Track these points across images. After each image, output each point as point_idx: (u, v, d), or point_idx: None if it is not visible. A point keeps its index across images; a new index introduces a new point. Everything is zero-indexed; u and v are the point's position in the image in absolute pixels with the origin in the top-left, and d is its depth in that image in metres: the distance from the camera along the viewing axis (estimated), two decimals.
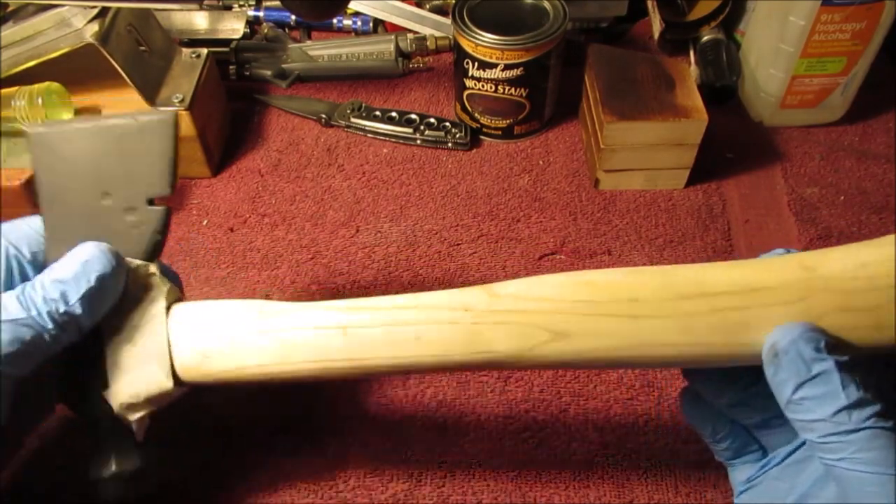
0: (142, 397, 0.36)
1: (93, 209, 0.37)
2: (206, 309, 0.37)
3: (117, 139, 0.37)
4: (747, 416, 0.36)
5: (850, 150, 0.66)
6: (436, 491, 0.45)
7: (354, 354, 0.34)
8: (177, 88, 0.61)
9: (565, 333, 0.32)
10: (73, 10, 0.55)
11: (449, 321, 0.33)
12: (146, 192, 0.37)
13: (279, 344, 0.35)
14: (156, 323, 0.36)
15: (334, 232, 0.60)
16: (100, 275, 0.34)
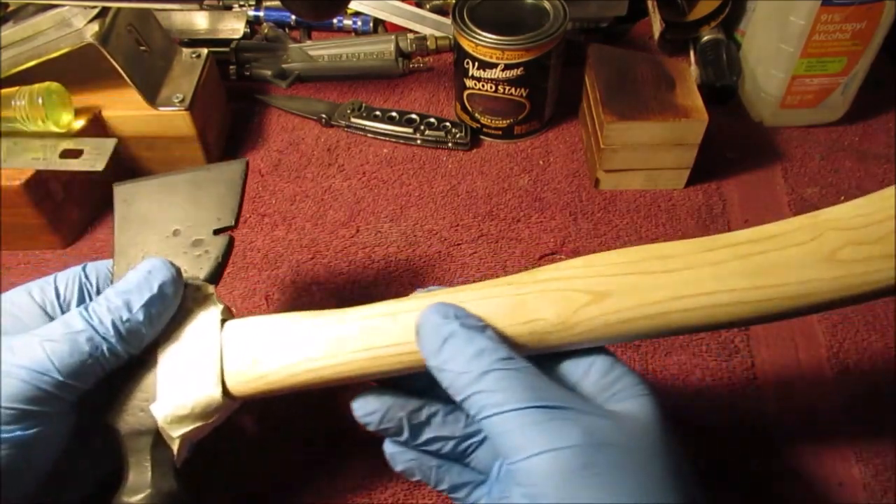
0: (189, 408, 0.35)
1: (162, 245, 0.40)
2: (255, 322, 0.37)
3: (192, 187, 0.42)
4: (441, 445, 0.37)
5: (850, 150, 0.66)
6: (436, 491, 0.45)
7: (404, 338, 0.35)
8: (177, 88, 0.61)
9: (605, 293, 0.33)
10: (73, 10, 0.55)
11: (495, 295, 0.35)
12: (213, 225, 0.41)
13: (327, 338, 0.36)
14: (209, 335, 0.37)
15: (334, 232, 0.60)
16: (161, 282, 0.36)
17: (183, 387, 0.36)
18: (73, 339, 0.33)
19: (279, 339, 0.36)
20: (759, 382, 0.49)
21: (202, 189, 0.42)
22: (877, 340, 0.52)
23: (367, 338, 0.35)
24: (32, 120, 0.55)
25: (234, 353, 0.36)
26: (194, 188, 0.42)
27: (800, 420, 0.48)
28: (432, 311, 0.34)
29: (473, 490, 0.37)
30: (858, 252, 0.31)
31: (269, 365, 0.36)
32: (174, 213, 0.41)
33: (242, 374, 0.36)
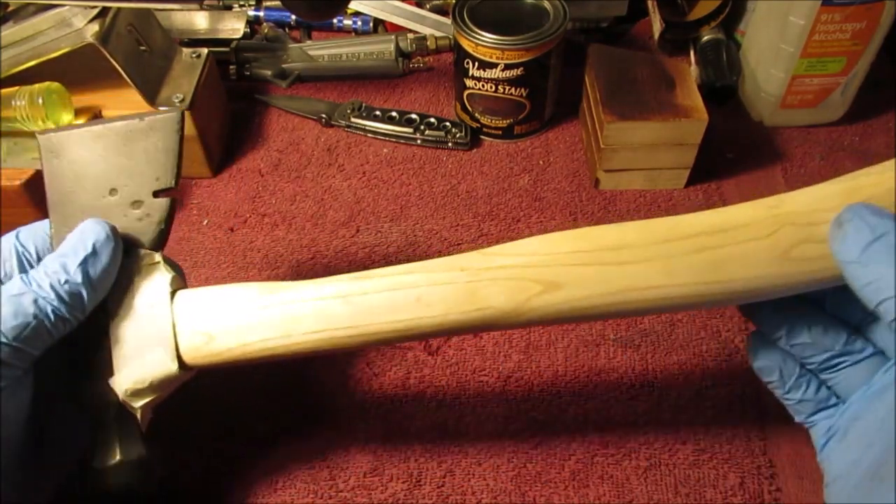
0: (147, 382, 0.36)
1: (99, 206, 0.39)
2: (208, 293, 0.37)
3: (125, 139, 0.39)
4: (813, 354, 0.35)
5: (850, 150, 0.66)
6: (435, 491, 0.45)
7: (357, 321, 0.35)
8: (177, 88, 0.61)
9: (557, 284, 0.33)
10: (73, 10, 0.55)
11: (447, 282, 0.35)
12: (152, 186, 0.39)
13: (281, 318, 0.36)
14: (160, 308, 0.37)
15: (334, 232, 0.60)
16: (94, 241, 0.36)
17: (139, 362, 0.36)
18: (16, 302, 0.33)
19: (234, 316, 0.36)
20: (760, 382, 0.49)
21: (136, 142, 0.40)
22: None
23: (320, 320, 0.36)
24: (32, 120, 0.56)
25: (187, 326, 0.37)
26: (127, 141, 0.40)
27: None
28: (863, 208, 0.30)
29: (819, 411, 0.36)
30: (812, 250, 0.32)
31: (224, 342, 0.36)
32: (108, 169, 0.39)
33: (197, 349, 0.36)
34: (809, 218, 0.32)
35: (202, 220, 0.61)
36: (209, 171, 0.65)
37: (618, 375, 0.50)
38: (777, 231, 0.32)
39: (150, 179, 0.39)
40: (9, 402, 0.34)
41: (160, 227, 0.39)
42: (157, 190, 0.39)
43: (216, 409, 0.49)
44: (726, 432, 0.47)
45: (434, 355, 0.52)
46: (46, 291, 0.34)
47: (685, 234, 0.33)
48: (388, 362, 0.51)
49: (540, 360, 0.51)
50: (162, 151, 0.39)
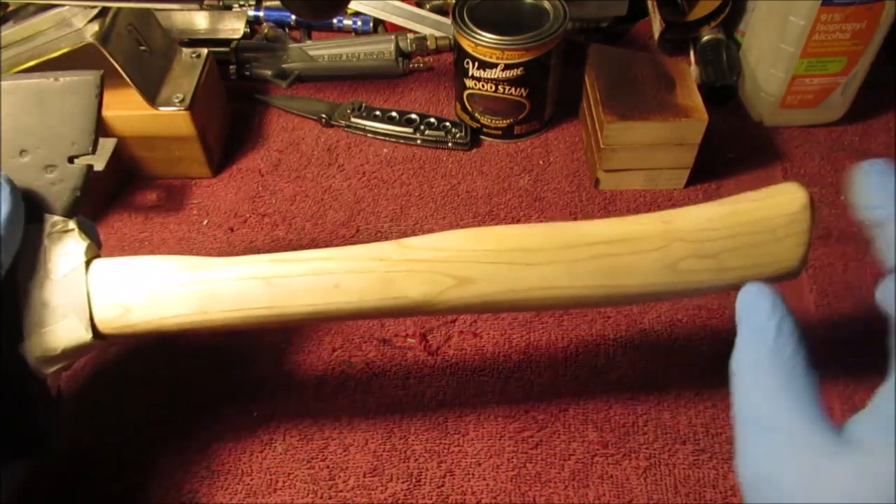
0: (59, 350, 0.36)
1: (8, 166, 0.38)
2: (125, 264, 0.37)
3: (37, 97, 0.38)
4: None
5: (851, 150, 0.66)
6: (435, 491, 0.45)
7: (276, 302, 0.36)
8: (177, 88, 0.61)
9: (469, 279, 0.36)
10: (73, 10, 0.55)
11: (366, 270, 0.36)
12: (67, 150, 0.38)
13: (199, 295, 0.36)
14: (74, 277, 0.36)
15: (334, 232, 0.60)
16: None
17: (51, 329, 0.36)
18: None
19: (151, 290, 0.36)
20: None
21: (49, 103, 0.38)
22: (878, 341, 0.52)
23: (240, 299, 0.36)
24: None
25: (103, 297, 0.36)
26: (40, 101, 0.38)
27: None
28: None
29: None
30: (697, 264, 0.36)
31: (140, 315, 0.36)
32: (19, 129, 0.38)
33: (112, 320, 0.36)
34: (696, 236, 0.36)
35: (202, 221, 0.61)
36: (209, 171, 0.65)
37: (618, 375, 0.50)
38: (668, 245, 0.36)
39: (65, 143, 0.38)
40: None
41: (75, 193, 0.38)
42: (72, 155, 0.38)
43: (216, 409, 0.49)
44: (726, 432, 0.47)
45: (434, 355, 0.52)
46: None
47: (587, 242, 0.36)
48: (388, 362, 0.51)
49: (540, 360, 0.51)
50: (78, 115, 0.38)
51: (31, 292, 0.36)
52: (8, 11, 0.56)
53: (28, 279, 0.36)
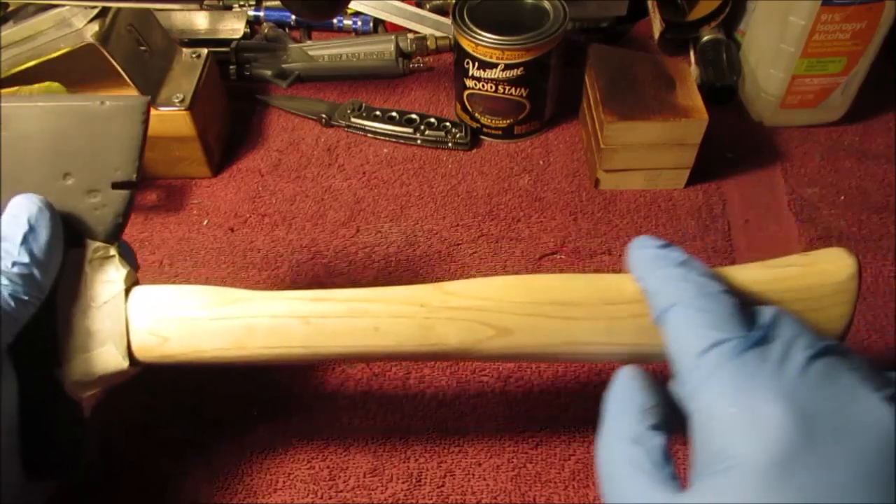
0: (95, 376, 0.36)
1: (51, 188, 0.37)
2: (165, 293, 0.37)
3: (83, 121, 0.38)
4: None
5: (851, 150, 0.66)
6: (436, 491, 0.45)
7: (313, 342, 0.36)
8: (177, 88, 0.61)
9: (508, 330, 0.36)
10: (73, 10, 0.55)
11: (406, 315, 0.36)
12: (111, 176, 0.38)
13: (238, 330, 0.36)
14: (114, 304, 0.36)
15: (334, 232, 0.60)
16: (28, 216, 0.35)
17: (89, 356, 0.36)
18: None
19: (189, 322, 0.36)
20: None
21: (96, 126, 0.37)
22: (877, 340, 0.52)
23: (277, 336, 0.36)
24: None
25: (141, 325, 0.37)
26: (87, 124, 0.37)
27: None
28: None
29: None
30: None
31: (178, 346, 0.36)
32: (64, 151, 0.37)
33: (149, 349, 0.37)
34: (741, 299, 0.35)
35: (202, 221, 0.61)
36: (209, 171, 0.65)
37: None
38: None
39: (108, 169, 0.38)
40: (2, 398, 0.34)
41: (117, 219, 0.38)
42: (116, 181, 0.38)
43: (216, 410, 0.49)
44: None
45: None
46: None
47: (628, 299, 0.35)
48: (388, 362, 0.51)
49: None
50: (124, 141, 0.38)
51: (70, 317, 0.36)
52: (8, 11, 0.56)
53: (68, 304, 0.36)
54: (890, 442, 0.26)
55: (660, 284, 0.32)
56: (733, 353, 0.28)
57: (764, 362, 0.28)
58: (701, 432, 0.28)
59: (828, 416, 0.26)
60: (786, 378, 0.27)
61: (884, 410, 0.27)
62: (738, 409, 0.27)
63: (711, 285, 0.31)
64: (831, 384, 0.27)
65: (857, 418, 0.27)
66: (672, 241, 0.57)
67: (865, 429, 0.26)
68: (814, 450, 0.26)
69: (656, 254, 0.33)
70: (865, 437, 0.26)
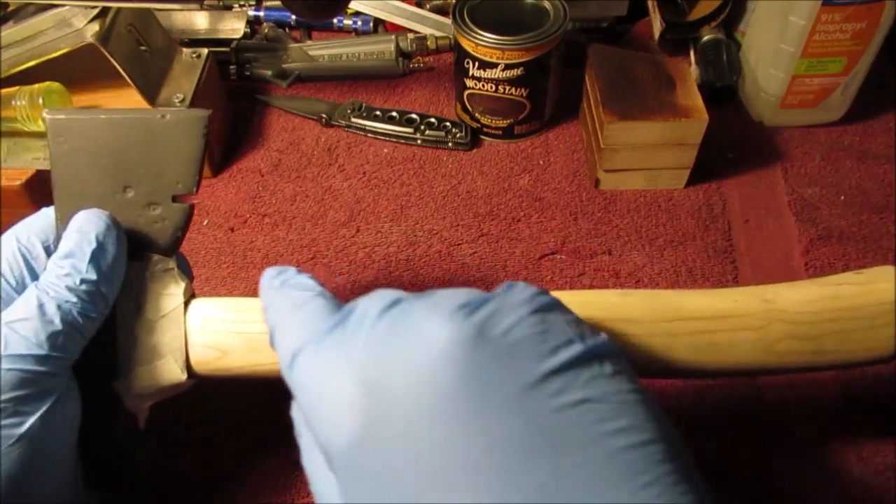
0: (154, 388, 0.36)
1: (112, 201, 0.38)
2: (223, 306, 0.37)
3: (144, 134, 0.38)
4: None
5: (851, 150, 0.66)
6: None
7: None
8: (177, 88, 0.61)
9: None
10: (73, 10, 0.55)
11: None
12: (172, 189, 0.38)
13: None
14: (174, 317, 0.37)
15: (335, 232, 0.60)
16: (97, 233, 0.35)
17: (148, 368, 0.36)
18: (41, 312, 0.33)
19: (248, 335, 0.36)
20: (760, 382, 0.49)
21: (156, 139, 0.37)
22: None
23: None
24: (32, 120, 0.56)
25: (199, 338, 0.37)
26: (146, 137, 0.37)
27: (800, 420, 0.48)
28: None
29: None
30: (795, 345, 0.36)
31: (236, 360, 0.36)
32: (123, 164, 0.37)
33: (207, 363, 0.37)
34: (796, 318, 0.36)
35: (202, 221, 0.61)
36: (209, 171, 0.65)
37: None
38: (767, 325, 0.36)
39: (169, 182, 0.38)
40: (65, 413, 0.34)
41: (177, 233, 0.38)
42: (176, 194, 0.38)
43: (216, 410, 0.49)
44: (726, 433, 0.47)
45: None
46: (67, 295, 0.34)
47: (686, 316, 0.36)
48: None
49: None
50: (184, 154, 0.38)
51: (130, 330, 0.36)
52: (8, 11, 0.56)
53: (128, 317, 0.37)
54: (444, 358, 0.24)
55: (269, 315, 0.32)
56: (314, 348, 0.27)
57: (342, 339, 0.27)
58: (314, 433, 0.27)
59: (390, 361, 0.25)
60: (355, 343, 0.26)
61: (435, 328, 0.25)
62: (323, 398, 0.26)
63: (304, 297, 0.31)
64: (397, 328, 0.26)
65: (412, 351, 0.25)
66: (672, 241, 0.58)
67: (416, 359, 0.24)
68: (378, 405, 0.24)
69: (269, 284, 0.33)
70: (417, 370, 0.24)
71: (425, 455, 0.23)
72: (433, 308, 0.26)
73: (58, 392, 0.33)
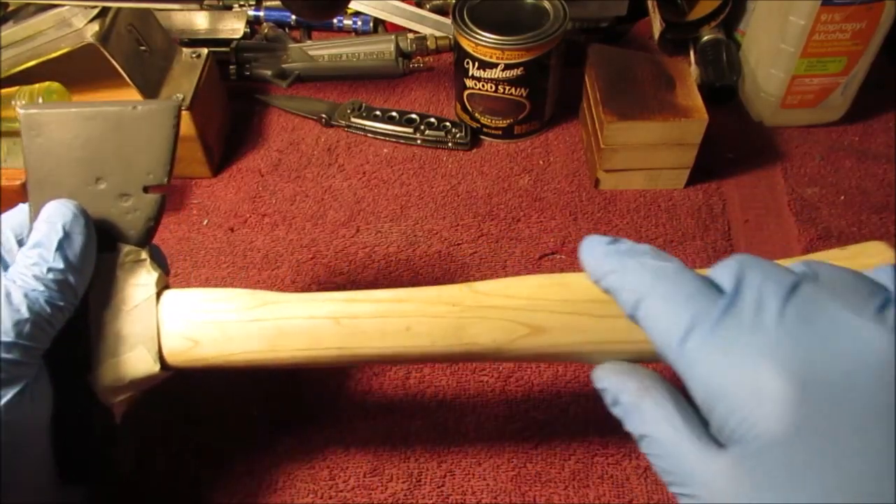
0: (126, 380, 0.36)
1: (84, 193, 0.38)
2: (195, 296, 0.37)
3: (115, 126, 0.38)
4: None
5: (850, 150, 0.66)
6: (436, 491, 0.45)
7: (346, 343, 0.36)
8: (177, 88, 0.61)
9: (542, 329, 0.35)
10: (73, 10, 0.55)
11: (438, 314, 0.36)
12: (143, 180, 0.38)
13: (269, 332, 0.36)
14: (146, 308, 0.36)
15: (335, 232, 0.60)
16: (62, 223, 0.35)
17: (120, 362, 0.36)
18: (7, 302, 0.33)
19: (220, 325, 0.36)
20: None
21: (127, 131, 0.38)
22: None
23: (309, 338, 0.36)
24: None
25: (172, 329, 0.36)
26: (118, 128, 0.38)
27: None
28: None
29: None
30: None
31: (209, 349, 0.36)
32: (95, 156, 0.38)
33: (180, 353, 0.36)
34: None
35: (202, 221, 0.61)
36: (209, 171, 0.65)
37: None
38: None
39: (140, 173, 0.38)
40: (34, 403, 0.34)
41: (149, 223, 0.38)
42: (147, 185, 0.38)
43: (215, 410, 0.49)
44: None
45: None
46: (34, 284, 0.34)
47: None
48: None
49: None
50: (155, 145, 0.38)
51: (102, 322, 0.36)
52: (8, 11, 0.56)
53: (99, 309, 0.36)
54: (889, 364, 0.24)
55: (618, 281, 0.31)
56: (708, 331, 0.27)
57: (740, 326, 0.27)
58: (711, 417, 0.27)
59: (819, 358, 0.25)
60: (765, 334, 0.26)
61: (873, 332, 0.25)
62: (732, 388, 0.26)
63: (667, 268, 0.30)
64: (813, 322, 0.26)
65: (848, 352, 0.25)
66: (672, 241, 0.58)
67: (857, 361, 0.25)
68: (816, 401, 0.24)
69: (606, 250, 0.32)
70: (861, 372, 0.25)
71: (866, 456, 0.24)
72: (853, 308, 0.26)
73: (26, 380, 0.33)
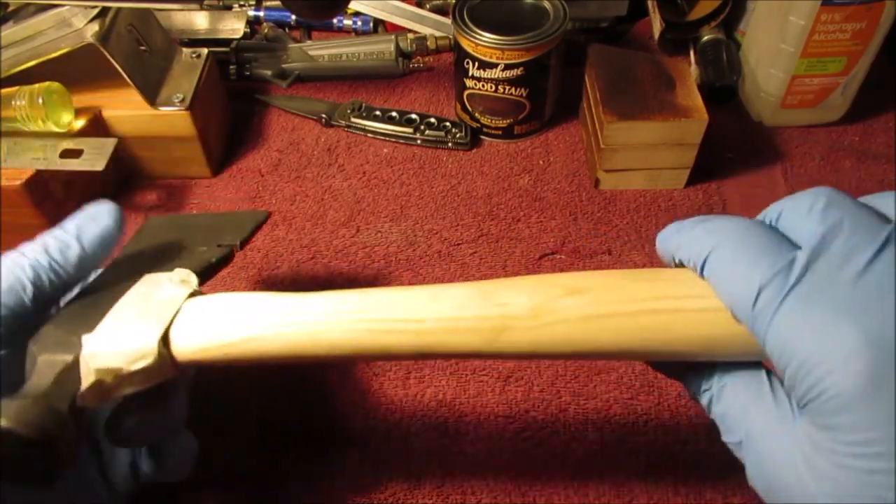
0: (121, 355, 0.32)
1: None
2: (218, 299, 0.36)
3: (214, 221, 0.47)
4: None
5: (850, 150, 0.66)
6: (435, 491, 0.45)
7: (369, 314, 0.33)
8: (177, 88, 0.61)
9: (584, 289, 0.31)
10: (73, 10, 0.55)
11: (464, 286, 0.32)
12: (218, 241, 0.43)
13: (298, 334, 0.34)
14: (170, 300, 0.35)
15: (335, 232, 0.60)
16: (96, 210, 0.38)
17: (123, 330, 0.34)
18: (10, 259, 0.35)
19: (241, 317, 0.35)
20: None
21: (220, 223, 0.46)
22: None
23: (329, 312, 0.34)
24: (32, 120, 0.55)
25: (187, 319, 0.34)
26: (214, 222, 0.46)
27: None
28: None
29: None
30: None
31: (223, 335, 0.34)
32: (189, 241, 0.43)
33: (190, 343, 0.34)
34: None
35: None
36: (209, 171, 0.65)
37: (618, 375, 0.50)
38: None
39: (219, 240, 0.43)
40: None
41: (209, 263, 0.41)
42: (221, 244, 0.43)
43: (214, 410, 0.49)
44: None
45: None
46: (39, 248, 0.36)
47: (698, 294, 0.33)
48: (388, 362, 0.51)
49: (540, 360, 0.51)
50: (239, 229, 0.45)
51: (120, 305, 0.36)
52: (8, 11, 0.56)
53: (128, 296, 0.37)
54: None
55: (693, 243, 0.30)
56: (783, 288, 0.26)
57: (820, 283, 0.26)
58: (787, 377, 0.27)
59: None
60: (845, 292, 0.25)
61: None
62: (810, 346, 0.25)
63: (739, 220, 0.29)
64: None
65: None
66: None
67: None
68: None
69: (679, 226, 0.31)
70: None
71: None
72: None
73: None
